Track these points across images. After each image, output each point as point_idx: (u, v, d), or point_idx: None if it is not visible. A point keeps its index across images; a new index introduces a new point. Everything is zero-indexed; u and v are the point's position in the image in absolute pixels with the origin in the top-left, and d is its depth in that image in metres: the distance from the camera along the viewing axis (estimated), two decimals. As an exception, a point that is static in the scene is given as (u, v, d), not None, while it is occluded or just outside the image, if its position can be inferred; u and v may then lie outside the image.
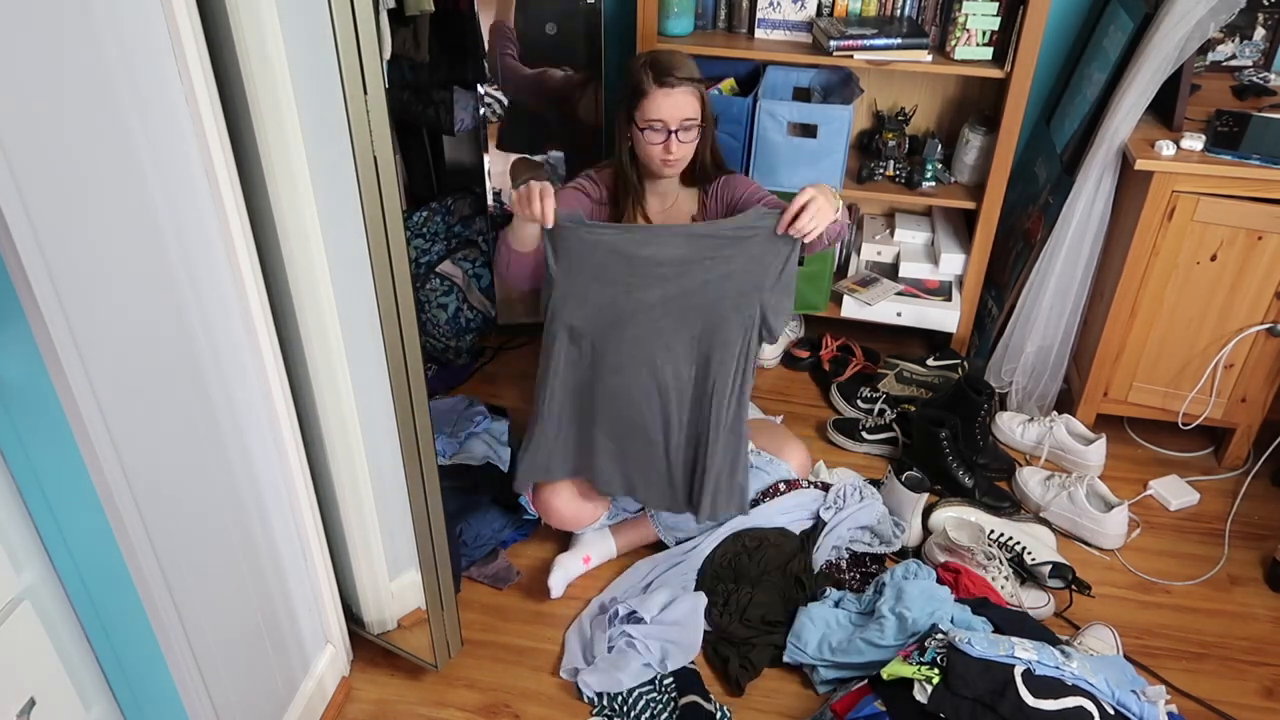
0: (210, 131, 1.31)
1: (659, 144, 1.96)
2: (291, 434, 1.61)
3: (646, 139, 1.97)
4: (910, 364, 2.64)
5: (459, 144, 2.99)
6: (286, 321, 1.56)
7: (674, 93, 1.94)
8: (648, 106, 1.94)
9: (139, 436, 1.22)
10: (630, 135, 2.00)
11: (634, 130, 1.98)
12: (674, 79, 1.94)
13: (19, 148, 1.00)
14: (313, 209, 1.48)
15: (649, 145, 1.97)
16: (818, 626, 1.93)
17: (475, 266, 2.84)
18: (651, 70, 1.95)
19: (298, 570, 1.71)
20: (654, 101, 1.94)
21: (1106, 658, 1.81)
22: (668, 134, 1.95)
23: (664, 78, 1.94)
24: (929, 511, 2.21)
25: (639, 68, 1.98)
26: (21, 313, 1.06)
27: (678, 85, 1.94)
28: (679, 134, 1.95)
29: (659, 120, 1.94)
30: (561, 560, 2.09)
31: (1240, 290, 2.23)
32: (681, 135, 1.96)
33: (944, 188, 2.64)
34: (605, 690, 1.86)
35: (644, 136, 1.97)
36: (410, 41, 2.44)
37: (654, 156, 1.99)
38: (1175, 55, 2.11)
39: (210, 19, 1.28)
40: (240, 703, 1.54)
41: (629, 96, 1.98)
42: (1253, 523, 2.31)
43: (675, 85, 1.94)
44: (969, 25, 2.36)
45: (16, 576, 1.18)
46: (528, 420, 2.04)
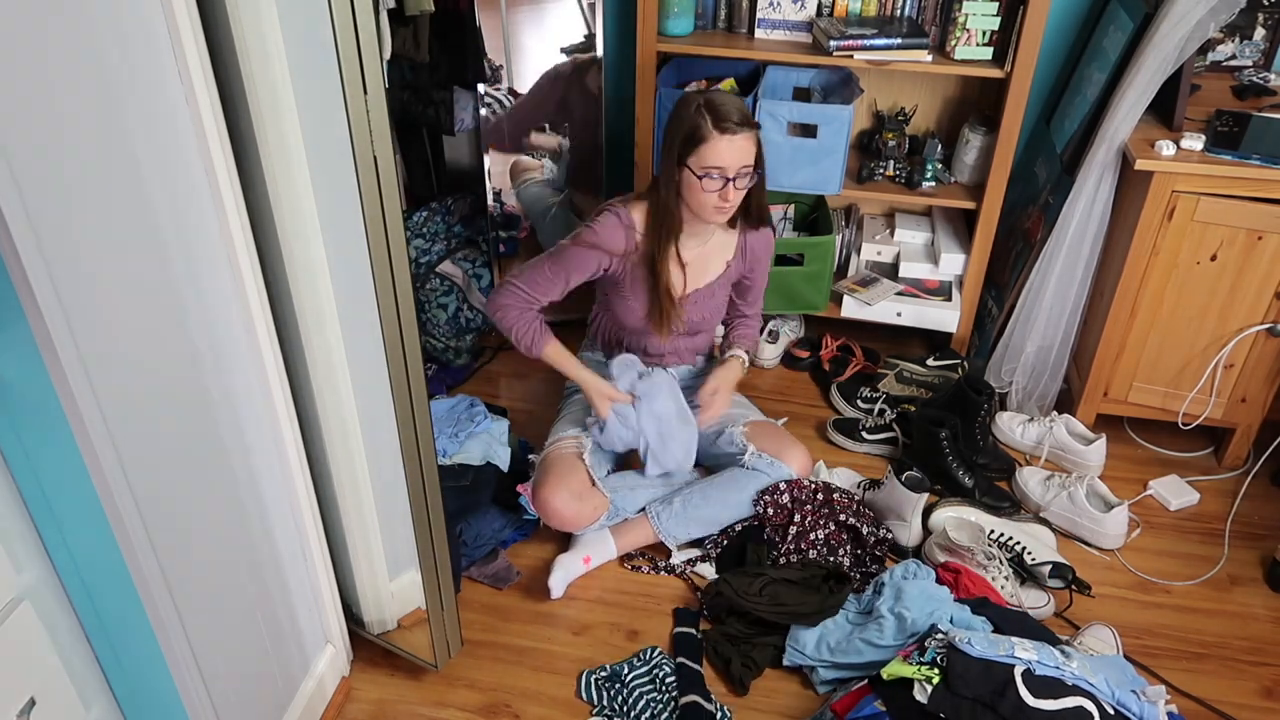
0: (210, 131, 1.31)
1: (715, 191, 1.91)
2: (291, 434, 1.61)
3: (703, 186, 1.90)
4: (910, 364, 2.64)
5: (459, 144, 2.98)
6: (286, 321, 1.56)
7: (736, 139, 1.87)
8: (707, 153, 1.87)
9: (139, 437, 1.22)
10: (679, 179, 1.94)
11: (685, 174, 1.92)
12: (734, 125, 1.86)
13: (19, 148, 1.00)
14: (313, 209, 1.48)
15: (705, 193, 1.91)
16: (816, 627, 1.93)
17: (475, 266, 2.84)
18: (710, 114, 1.87)
19: (298, 570, 1.71)
20: (714, 148, 1.87)
21: (1106, 658, 1.81)
22: (725, 182, 1.89)
23: (724, 123, 1.86)
24: (929, 511, 2.21)
25: (694, 111, 1.89)
26: (21, 313, 1.06)
27: (739, 131, 1.87)
28: (736, 181, 1.90)
29: (718, 168, 1.88)
30: (562, 560, 2.09)
31: (1240, 290, 2.23)
32: (738, 183, 1.91)
33: (944, 188, 2.64)
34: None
35: (700, 184, 1.90)
36: (410, 41, 2.44)
37: (707, 204, 1.94)
38: (1175, 55, 2.11)
39: (210, 19, 1.28)
40: (240, 703, 1.54)
41: (684, 140, 1.89)
42: (1253, 523, 2.31)
43: (737, 131, 1.87)
44: (969, 25, 2.36)
45: (16, 576, 1.18)
46: (525, 421, 2.05)
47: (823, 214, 2.73)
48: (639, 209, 2.07)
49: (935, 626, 1.76)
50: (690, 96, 1.95)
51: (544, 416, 2.44)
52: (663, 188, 1.98)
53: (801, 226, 2.81)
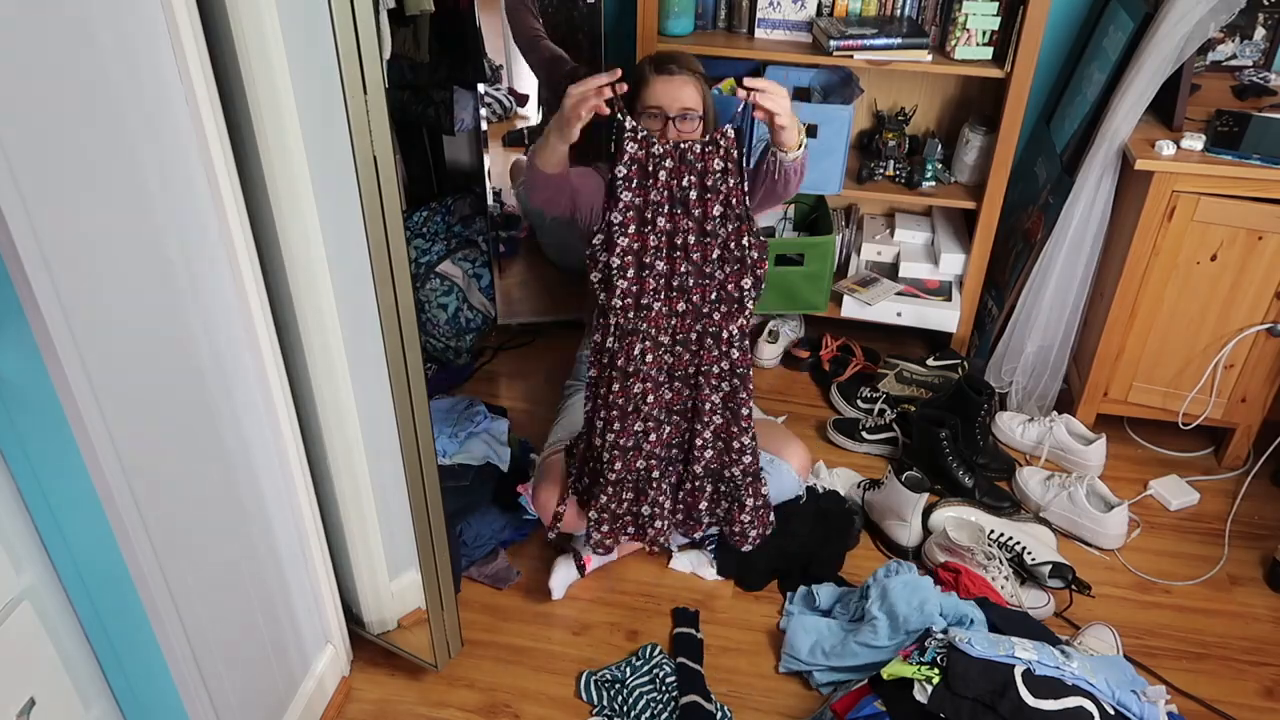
0: (210, 131, 1.31)
1: (657, 130, 1.96)
2: (291, 434, 1.61)
3: (645, 125, 1.96)
4: (910, 364, 2.64)
5: (459, 144, 2.99)
6: (286, 322, 1.56)
7: (673, 80, 1.97)
8: (646, 94, 1.98)
9: (139, 436, 1.22)
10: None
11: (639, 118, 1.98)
12: (674, 67, 1.98)
13: (19, 148, 1.00)
14: (313, 209, 1.48)
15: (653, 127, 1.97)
16: (809, 634, 1.93)
17: (475, 266, 2.84)
18: (652, 61, 2.00)
19: (298, 570, 1.71)
20: (653, 89, 1.97)
21: (1106, 658, 1.81)
22: (666, 120, 1.96)
23: (664, 66, 1.98)
24: (929, 511, 2.21)
25: (643, 62, 2.02)
26: (21, 312, 1.06)
27: (677, 73, 1.97)
28: (677, 121, 1.97)
29: (657, 107, 1.97)
30: (562, 562, 2.08)
31: (1240, 290, 2.23)
32: (679, 124, 1.97)
33: (944, 188, 2.64)
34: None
35: (642, 124, 1.94)
36: (410, 41, 2.44)
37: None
38: (1175, 55, 2.11)
39: (210, 19, 1.28)
40: (240, 703, 1.54)
41: (631, 88, 1.96)
42: (1253, 523, 2.31)
43: (675, 73, 1.97)
44: (969, 25, 2.36)
45: (16, 576, 1.18)
46: (525, 421, 2.03)
47: (823, 214, 2.73)
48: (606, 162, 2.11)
49: (930, 631, 1.76)
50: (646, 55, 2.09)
51: (544, 416, 2.44)
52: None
53: (801, 226, 2.81)
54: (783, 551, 2.11)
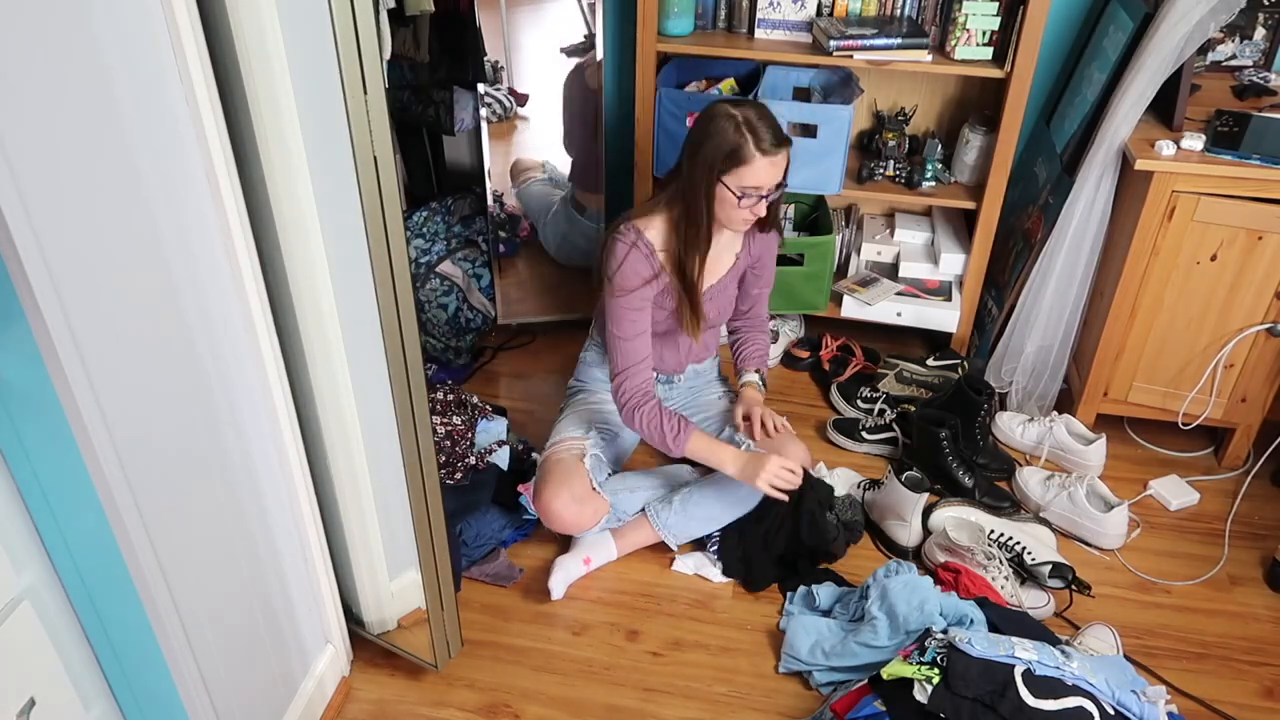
0: (210, 131, 1.31)
1: (750, 207, 1.93)
2: (291, 434, 1.61)
3: (741, 204, 1.92)
4: (910, 364, 2.64)
5: (459, 144, 2.99)
6: (286, 321, 1.56)
7: (776, 159, 1.89)
8: (747, 174, 1.88)
9: (139, 437, 1.23)
10: (712, 193, 1.93)
11: (721, 190, 1.92)
12: (774, 146, 1.88)
13: (19, 148, 1.00)
14: (313, 209, 1.48)
15: (741, 209, 1.93)
16: (809, 634, 1.93)
17: (475, 266, 2.84)
18: (750, 134, 1.86)
19: (298, 570, 1.71)
20: (756, 169, 1.87)
21: (1107, 658, 1.81)
22: (759, 199, 1.92)
23: (764, 144, 1.87)
24: (929, 511, 2.21)
25: (732, 130, 1.87)
26: (21, 313, 1.06)
27: (779, 151, 1.89)
28: (768, 197, 1.93)
29: (758, 187, 1.90)
30: (562, 562, 2.09)
31: (1240, 290, 2.23)
32: (769, 198, 1.93)
33: (944, 188, 2.64)
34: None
35: (738, 201, 1.91)
36: (410, 41, 2.44)
37: (738, 218, 1.96)
38: (1175, 55, 2.11)
39: (210, 19, 1.28)
40: (240, 703, 1.54)
41: (724, 157, 1.89)
42: (1253, 523, 2.31)
43: (777, 153, 1.88)
44: (969, 25, 2.36)
45: (16, 576, 1.18)
46: (525, 421, 2.03)
47: (823, 214, 2.73)
48: (652, 227, 2.03)
49: (930, 631, 1.76)
50: (724, 110, 1.90)
51: (544, 416, 2.44)
52: (696, 201, 1.96)
53: (801, 226, 2.81)
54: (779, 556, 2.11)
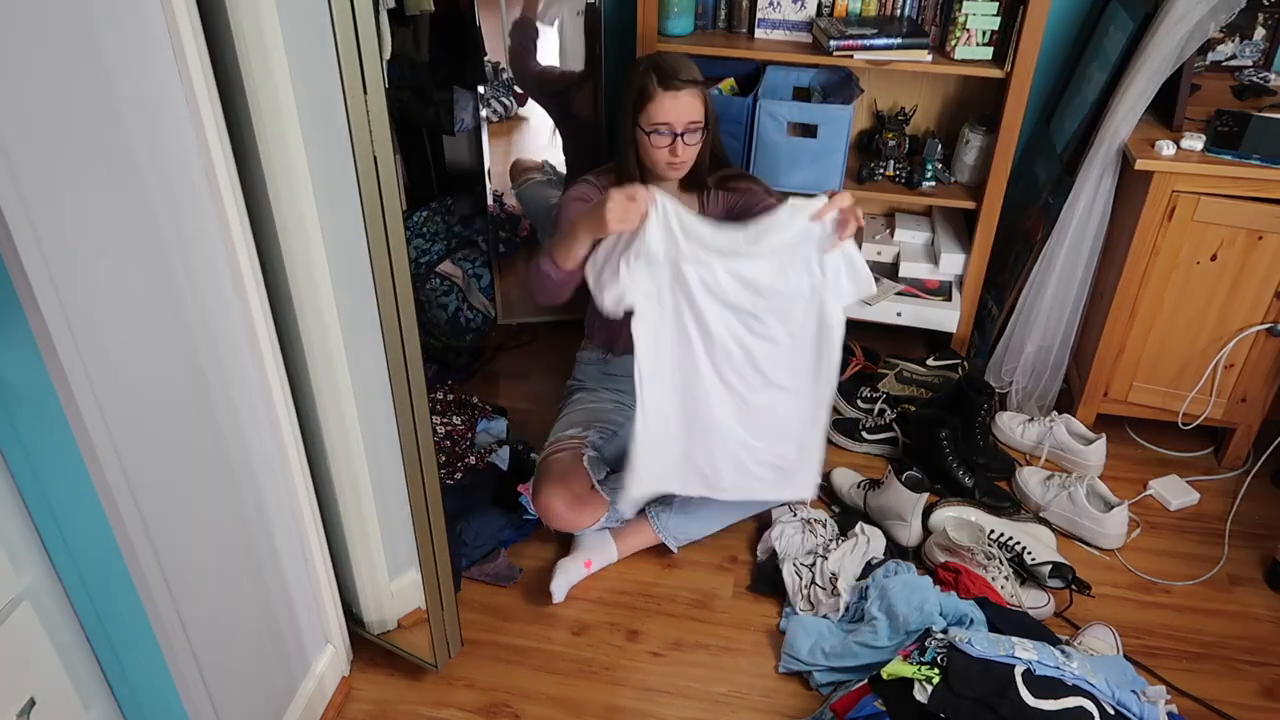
0: (210, 131, 1.31)
1: (665, 147, 1.97)
2: (291, 434, 1.61)
3: (652, 143, 1.97)
4: (910, 364, 2.64)
5: (459, 144, 2.99)
6: (286, 321, 1.56)
7: (680, 95, 1.94)
8: (653, 110, 1.94)
9: (139, 437, 1.23)
10: (635, 139, 2.00)
11: (639, 134, 1.98)
12: (679, 81, 1.94)
13: (19, 148, 1.00)
14: (313, 209, 1.48)
15: (655, 149, 1.98)
16: (809, 634, 1.93)
17: (475, 266, 2.84)
18: (655, 73, 1.95)
19: (298, 570, 1.71)
20: (659, 105, 1.94)
21: (1106, 658, 1.81)
22: (674, 137, 1.95)
23: (669, 80, 1.93)
24: (929, 511, 2.21)
25: (642, 72, 1.97)
26: (22, 313, 1.06)
27: (683, 88, 1.94)
28: (684, 137, 1.96)
29: (665, 123, 1.94)
30: (563, 565, 2.08)
31: (1240, 290, 2.23)
32: (687, 138, 1.96)
33: (944, 188, 2.64)
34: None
35: (650, 140, 1.97)
36: (410, 41, 2.44)
37: (660, 160, 1.99)
38: (1175, 55, 2.11)
39: (210, 19, 1.28)
40: (240, 702, 1.54)
41: (633, 100, 1.97)
42: (1253, 523, 2.31)
43: (680, 88, 1.94)
44: (969, 25, 2.36)
45: (16, 576, 1.18)
46: (525, 420, 2.02)
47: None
48: (608, 177, 2.11)
49: (930, 631, 1.76)
50: (640, 59, 2.04)
51: (544, 416, 2.44)
52: (624, 152, 2.04)
53: (801, 226, 2.80)
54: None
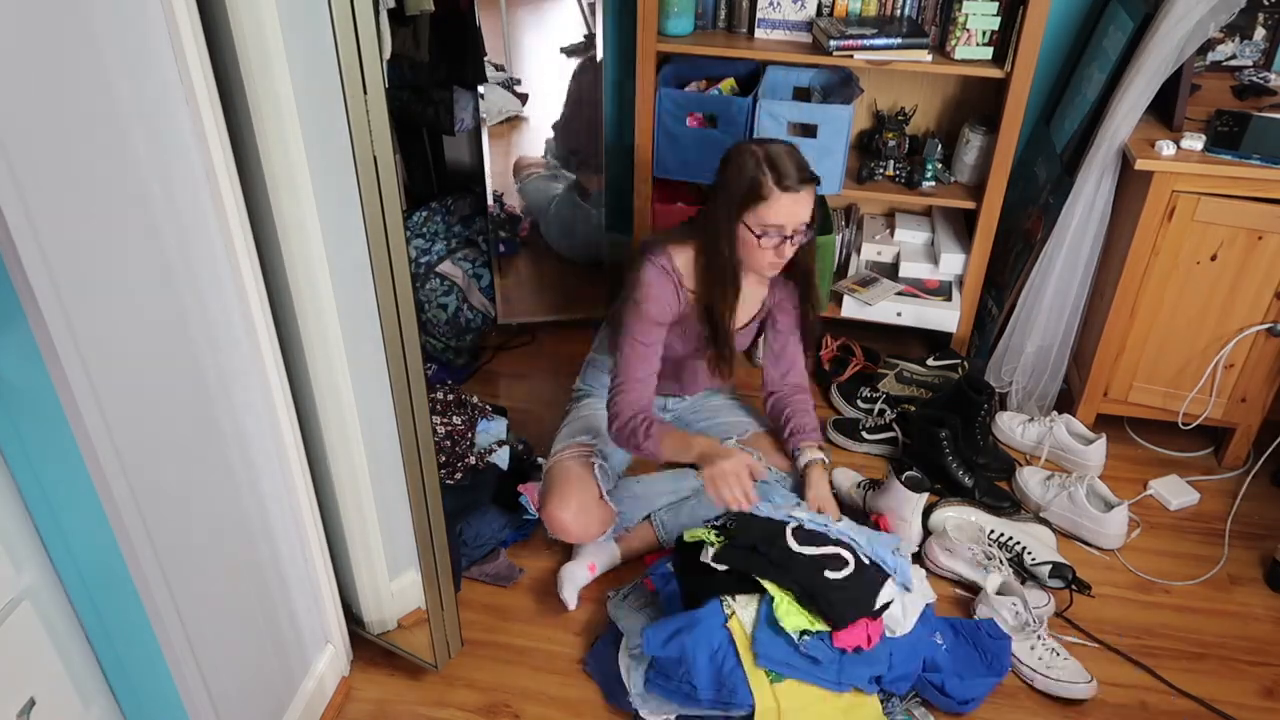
0: (210, 131, 1.31)
1: (772, 248, 1.88)
2: (291, 434, 1.61)
3: (761, 244, 1.87)
4: (910, 364, 2.64)
5: (459, 144, 2.99)
6: (286, 321, 1.56)
7: (799, 197, 1.83)
8: (768, 212, 1.83)
9: (139, 437, 1.23)
10: (737, 233, 1.89)
11: (742, 229, 1.88)
12: (798, 183, 1.82)
13: (19, 149, 1.00)
14: (313, 209, 1.48)
15: (762, 250, 1.88)
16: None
17: (475, 266, 2.84)
18: (771, 170, 1.83)
19: (298, 570, 1.71)
20: (776, 206, 1.83)
21: (876, 534, 1.95)
22: (783, 239, 1.87)
23: (786, 180, 1.82)
24: (929, 511, 2.21)
25: (754, 165, 1.84)
26: (21, 313, 1.06)
27: (801, 189, 1.83)
28: (793, 238, 1.87)
29: (778, 226, 1.85)
30: (569, 571, 2.06)
31: (1240, 290, 2.23)
32: (795, 240, 1.88)
33: (944, 188, 2.64)
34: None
35: (759, 242, 1.87)
36: (410, 41, 2.44)
37: (762, 260, 1.91)
38: (1175, 55, 2.11)
39: (210, 20, 1.28)
40: (240, 702, 1.54)
41: (744, 195, 1.85)
42: (1253, 523, 2.31)
43: (799, 190, 1.83)
44: (969, 25, 2.36)
45: (16, 576, 1.18)
46: (525, 420, 2.02)
47: (823, 214, 2.73)
48: (681, 254, 2.00)
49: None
50: (749, 148, 1.88)
51: (544, 416, 2.44)
52: (719, 241, 1.93)
53: (801, 226, 2.80)
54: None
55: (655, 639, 1.79)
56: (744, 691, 1.73)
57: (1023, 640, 1.93)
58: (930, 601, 1.92)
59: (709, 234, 1.94)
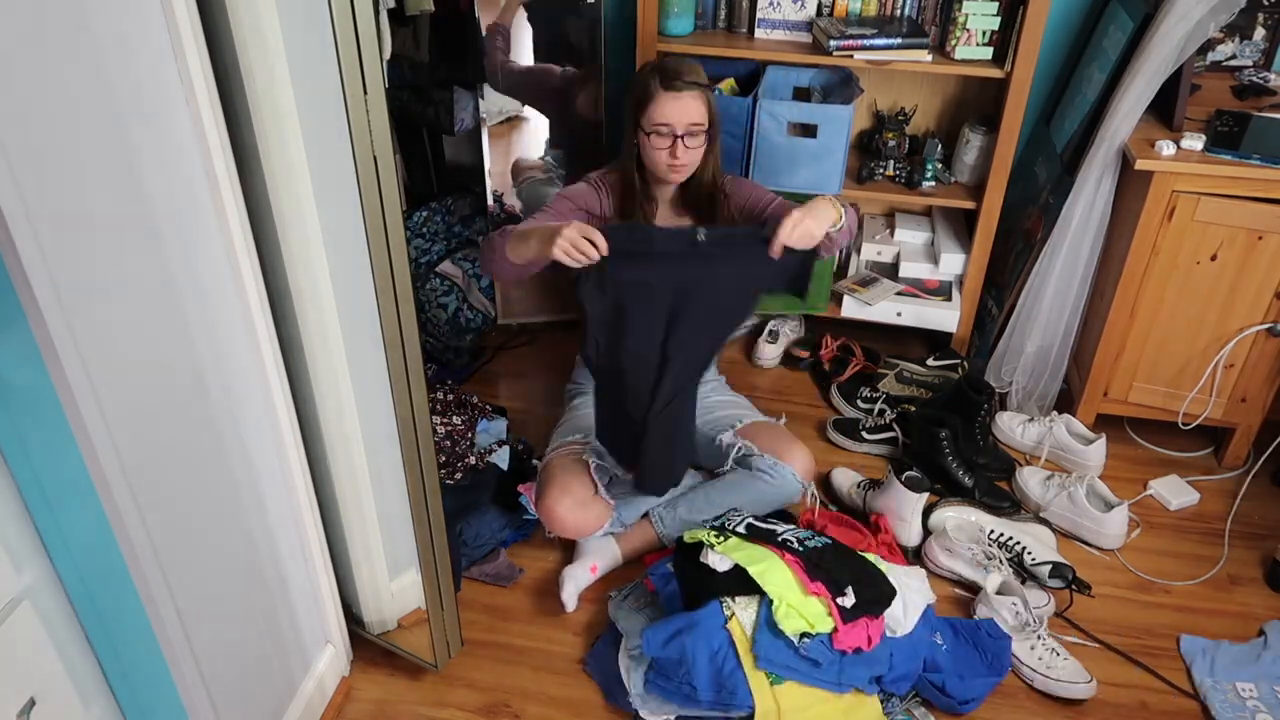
0: (210, 131, 1.31)
1: (665, 149, 1.96)
2: (291, 434, 1.61)
3: (653, 144, 1.96)
4: (910, 364, 2.64)
5: (459, 144, 2.99)
6: (286, 321, 1.56)
7: (681, 96, 1.93)
8: (654, 111, 1.93)
9: (139, 437, 1.23)
10: (637, 141, 2.00)
11: (641, 136, 1.98)
12: (681, 82, 1.93)
13: (19, 148, 1.00)
14: (312, 209, 1.48)
15: (655, 150, 1.97)
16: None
17: (475, 266, 2.84)
18: (659, 74, 1.94)
19: (298, 570, 1.71)
20: (661, 105, 1.93)
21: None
22: (674, 138, 1.94)
23: (671, 81, 1.92)
24: (929, 511, 2.21)
25: (646, 72, 1.96)
26: (21, 313, 1.06)
27: (685, 89, 1.93)
28: (685, 139, 1.94)
29: (665, 124, 1.93)
30: (570, 573, 2.06)
31: (1240, 290, 2.23)
32: (688, 140, 1.95)
33: (944, 188, 2.64)
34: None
35: (650, 141, 1.96)
36: (410, 41, 2.44)
37: (660, 162, 1.98)
38: (1175, 55, 2.11)
39: (210, 19, 1.28)
40: (240, 702, 1.54)
41: (635, 101, 1.96)
42: (1253, 523, 2.31)
43: (682, 89, 1.93)
44: (969, 25, 2.36)
45: (16, 576, 1.18)
46: (525, 421, 2.02)
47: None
48: (612, 175, 2.11)
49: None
50: (646, 63, 2.05)
51: (544, 416, 2.44)
52: (626, 151, 2.04)
53: (801, 226, 2.80)
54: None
55: (655, 640, 1.79)
56: (744, 693, 1.73)
57: (1023, 640, 1.93)
58: (930, 602, 1.92)
59: (623, 148, 2.04)
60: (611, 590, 2.06)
